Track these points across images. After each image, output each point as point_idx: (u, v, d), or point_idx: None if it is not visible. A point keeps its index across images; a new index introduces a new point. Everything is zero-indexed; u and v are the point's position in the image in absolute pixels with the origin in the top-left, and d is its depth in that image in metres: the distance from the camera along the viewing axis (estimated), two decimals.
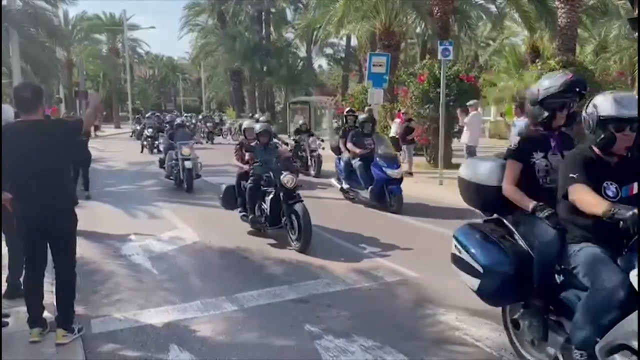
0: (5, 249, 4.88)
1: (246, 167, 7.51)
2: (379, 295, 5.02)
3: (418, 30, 24.71)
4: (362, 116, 10.43)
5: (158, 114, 31.03)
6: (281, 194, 6.74)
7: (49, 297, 4.16)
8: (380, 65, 15.69)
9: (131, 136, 29.09)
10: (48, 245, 3.94)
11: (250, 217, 7.31)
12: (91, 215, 8.45)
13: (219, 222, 8.41)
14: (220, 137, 28.50)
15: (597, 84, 10.40)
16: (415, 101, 13.43)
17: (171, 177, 11.77)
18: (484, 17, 24.50)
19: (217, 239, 7.14)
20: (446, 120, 11.85)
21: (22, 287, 4.69)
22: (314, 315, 4.49)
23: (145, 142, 21.06)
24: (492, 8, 23.08)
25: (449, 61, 11.93)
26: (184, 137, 11.99)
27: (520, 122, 9.61)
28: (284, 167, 7.38)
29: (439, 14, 15.37)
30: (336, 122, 29.22)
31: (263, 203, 7.13)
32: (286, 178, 6.61)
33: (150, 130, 20.69)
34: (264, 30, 38.29)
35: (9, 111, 4.94)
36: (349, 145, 9.73)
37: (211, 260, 6.31)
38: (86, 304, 4.76)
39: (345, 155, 9.96)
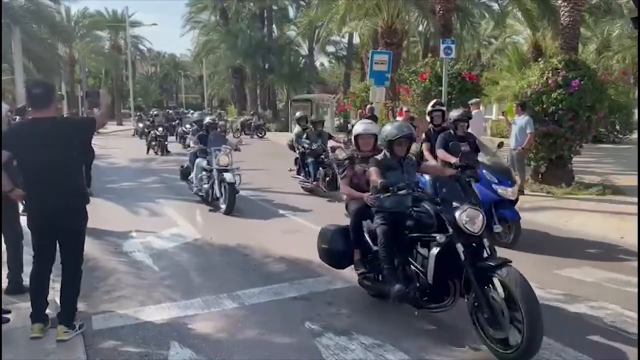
0: (4, 247, 4.90)
1: (367, 196, 4.41)
2: None
3: (420, 28, 24.73)
4: (455, 113, 7.01)
5: (169, 110, 30.76)
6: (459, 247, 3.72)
7: (51, 293, 4.17)
8: (382, 63, 15.70)
9: (134, 135, 28.06)
10: (57, 242, 3.96)
11: (394, 289, 4.02)
12: (93, 211, 8.30)
13: (220, 220, 8.42)
14: None
15: (600, 83, 10.35)
16: (417, 99, 13.39)
17: (201, 193, 9.38)
18: (486, 15, 24.48)
19: (218, 236, 7.14)
20: None
21: (22, 283, 4.73)
22: (315, 312, 4.49)
23: (153, 143, 19.20)
24: (495, 6, 23.09)
25: (451, 59, 11.90)
26: (217, 141, 9.35)
27: (521, 121, 9.61)
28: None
29: (441, 12, 15.34)
30: (338, 120, 29.30)
31: (417, 259, 4.08)
32: (465, 215, 3.75)
33: (160, 129, 19.26)
34: (266, 28, 38.25)
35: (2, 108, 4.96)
36: (440, 152, 6.81)
37: (212, 258, 6.31)
38: (87, 301, 4.77)
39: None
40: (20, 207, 4.60)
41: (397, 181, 4.14)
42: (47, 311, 4.02)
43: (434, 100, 8.27)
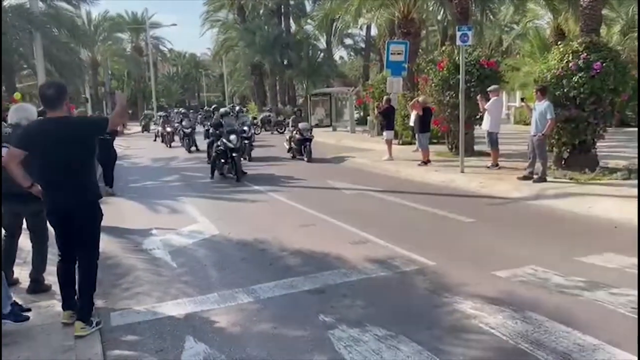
0: (29, 245, 5.03)
1: None
2: (394, 285, 4.98)
3: (439, 17, 24.35)
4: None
5: (208, 108, 30.48)
6: None
7: None
8: (399, 54, 15.56)
9: (155, 140, 25.60)
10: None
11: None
12: (115, 210, 8.62)
13: (239, 215, 8.50)
14: None
15: (622, 65, 10.03)
16: (435, 89, 13.24)
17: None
18: (506, 0, 23.95)
19: (236, 231, 7.19)
20: (467, 107, 11.66)
21: (44, 282, 4.85)
22: (329, 305, 4.48)
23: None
24: None
25: (468, 46, 11.70)
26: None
27: (541, 106, 9.41)
28: None
29: None
30: (357, 113, 29.13)
31: None
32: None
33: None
34: (283, 23, 38.29)
35: (31, 109, 5.09)
36: None
37: (229, 253, 6.35)
38: (106, 298, 4.86)
39: None
40: None
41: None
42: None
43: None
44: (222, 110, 14.31)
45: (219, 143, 12.27)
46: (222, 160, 12.29)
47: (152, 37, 47.71)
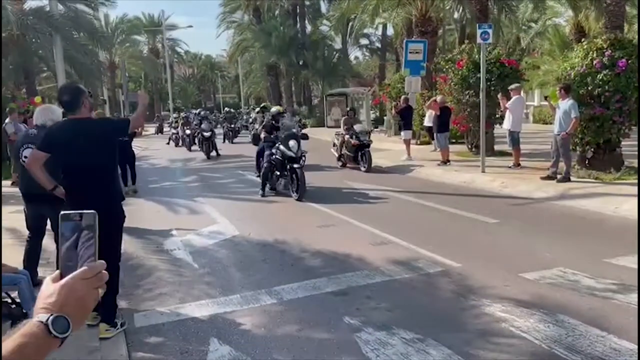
0: (53, 246, 5.03)
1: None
2: (419, 287, 4.90)
3: (456, 15, 24.13)
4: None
5: (229, 109, 30.19)
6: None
7: None
8: (417, 53, 15.42)
9: (168, 142, 24.17)
10: None
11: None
12: (136, 211, 8.62)
13: (258, 216, 8.47)
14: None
15: None
16: (454, 87, 13.09)
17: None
18: None
19: (256, 232, 7.16)
20: (487, 106, 11.50)
21: None
22: (354, 307, 4.41)
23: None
24: None
25: (488, 45, 11.54)
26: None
27: (565, 104, 9.23)
28: None
29: None
30: (374, 113, 29.00)
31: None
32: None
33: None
34: (298, 24, 38.27)
35: (57, 111, 5.10)
36: None
37: (250, 254, 6.31)
38: (129, 299, 4.85)
39: None
40: None
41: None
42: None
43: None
44: (273, 109, 11.94)
45: (273, 151, 10.01)
46: (277, 173, 10.04)
47: (168, 39, 48.08)
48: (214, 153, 17.54)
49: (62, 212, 1.05)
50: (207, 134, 17.32)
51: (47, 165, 3.97)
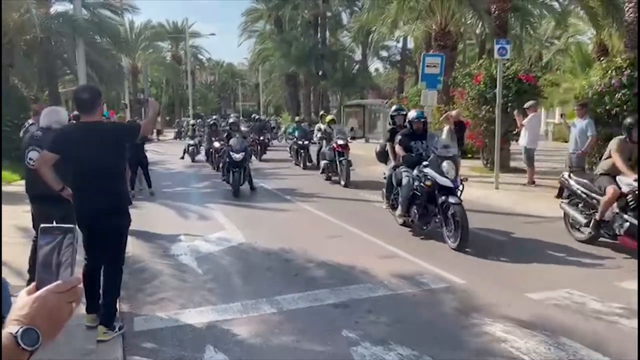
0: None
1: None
2: (422, 302, 4.84)
3: (478, 30, 24.04)
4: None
5: (257, 116, 28.78)
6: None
7: None
8: (434, 66, 15.30)
9: (182, 157, 19.29)
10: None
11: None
12: (146, 215, 8.73)
13: (266, 224, 8.47)
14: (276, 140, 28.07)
15: None
16: (471, 102, 13.00)
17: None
18: (547, 14, 23.46)
19: (263, 240, 7.16)
20: (503, 122, 11.39)
21: None
22: (353, 320, 4.37)
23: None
24: (555, 5, 22.05)
25: (506, 60, 11.46)
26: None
27: (581, 123, 9.10)
28: None
29: (496, 12, 14.81)
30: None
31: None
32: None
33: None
34: (319, 35, 38.54)
35: (62, 113, 5.17)
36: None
37: (254, 262, 6.31)
38: (131, 302, 4.88)
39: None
40: None
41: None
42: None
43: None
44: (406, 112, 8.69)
45: (415, 173, 7.19)
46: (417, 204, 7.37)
47: (191, 46, 48.69)
48: (246, 185, 11.43)
49: (41, 225, 1.07)
50: (237, 157, 11.02)
51: (54, 166, 4.03)
